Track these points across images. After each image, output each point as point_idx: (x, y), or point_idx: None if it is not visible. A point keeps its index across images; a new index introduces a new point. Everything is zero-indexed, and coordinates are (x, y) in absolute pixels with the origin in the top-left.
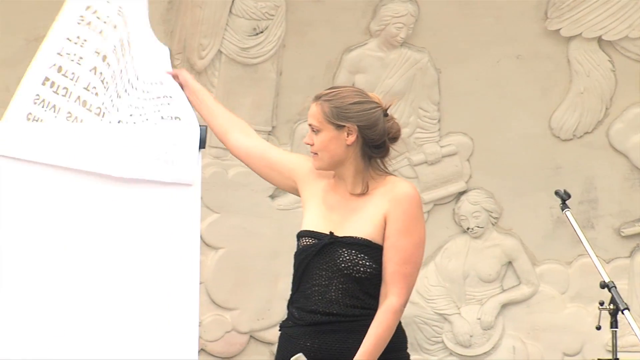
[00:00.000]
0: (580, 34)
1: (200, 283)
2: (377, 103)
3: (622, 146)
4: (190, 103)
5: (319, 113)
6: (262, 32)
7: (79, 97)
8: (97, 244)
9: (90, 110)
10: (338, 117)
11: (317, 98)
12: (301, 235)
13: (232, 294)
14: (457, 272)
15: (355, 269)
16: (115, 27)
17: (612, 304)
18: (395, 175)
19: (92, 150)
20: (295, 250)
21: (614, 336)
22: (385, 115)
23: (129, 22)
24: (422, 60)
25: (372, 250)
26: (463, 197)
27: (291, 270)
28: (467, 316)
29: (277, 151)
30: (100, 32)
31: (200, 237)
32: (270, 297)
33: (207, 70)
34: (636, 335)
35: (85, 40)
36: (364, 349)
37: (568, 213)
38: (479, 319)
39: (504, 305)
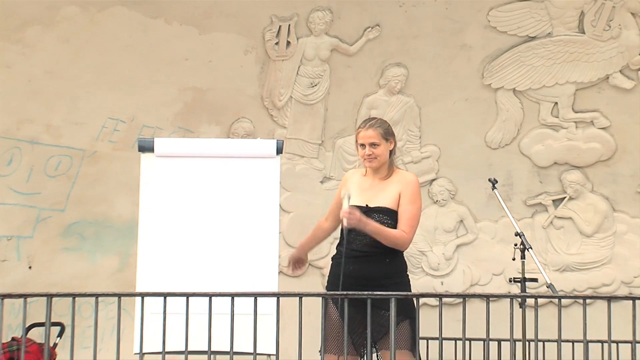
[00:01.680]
0: (503, 86)
1: (280, 232)
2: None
3: (527, 152)
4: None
5: (377, 134)
6: (316, 85)
7: None
8: (218, 201)
9: None
10: (387, 135)
11: (371, 126)
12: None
13: (298, 239)
14: (430, 226)
15: (382, 223)
16: None
17: (522, 245)
18: (400, 168)
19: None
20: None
21: (523, 264)
22: None
23: None
24: (410, 102)
25: (392, 213)
26: (434, 182)
27: None
28: (436, 252)
29: (334, 209)
30: None
31: (280, 205)
32: None
33: (283, 107)
34: (535, 263)
35: None
36: (375, 225)
37: (496, 191)
38: (443, 254)
39: (458, 246)
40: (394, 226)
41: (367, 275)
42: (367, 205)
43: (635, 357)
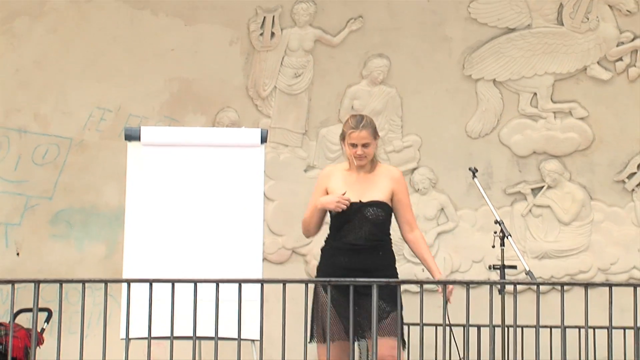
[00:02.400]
0: (483, 77)
1: (264, 220)
2: None
3: (507, 142)
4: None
5: (368, 134)
6: (299, 75)
7: None
8: (203, 190)
9: None
10: (375, 133)
11: (364, 127)
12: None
13: (282, 227)
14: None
15: (376, 218)
16: None
17: (501, 233)
18: (379, 161)
19: (197, 136)
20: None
21: (502, 251)
22: None
23: None
24: (392, 92)
25: (385, 206)
26: (415, 171)
27: None
28: None
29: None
30: None
31: (264, 193)
32: None
33: (268, 97)
34: (515, 250)
35: None
36: (433, 264)
37: (476, 180)
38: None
39: (439, 233)
40: (387, 218)
41: (363, 267)
42: (360, 200)
43: (612, 342)
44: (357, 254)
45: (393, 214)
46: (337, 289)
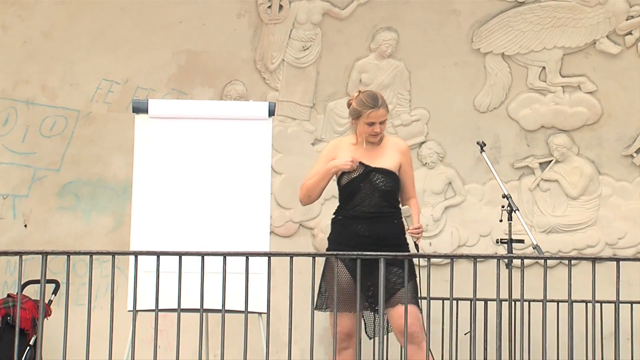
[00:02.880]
0: (491, 51)
1: (271, 193)
2: None
3: (515, 116)
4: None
5: (385, 113)
6: (307, 48)
7: None
8: (211, 163)
9: None
10: (388, 112)
11: (380, 106)
12: (344, 173)
13: (289, 200)
14: (419, 188)
15: (385, 186)
16: None
17: (509, 207)
18: (386, 135)
19: (204, 109)
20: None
21: (509, 225)
22: None
23: None
24: (400, 66)
25: (391, 174)
26: (423, 145)
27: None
28: (425, 213)
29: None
30: None
31: (271, 167)
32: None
33: (276, 70)
34: (522, 225)
35: None
36: (417, 218)
37: (484, 154)
38: (432, 215)
39: (446, 207)
40: (395, 188)
41: (380, 235)
42: (371, 165)
43: (619, 317)
44: (374, 222)
45: None
46: (353, 261)
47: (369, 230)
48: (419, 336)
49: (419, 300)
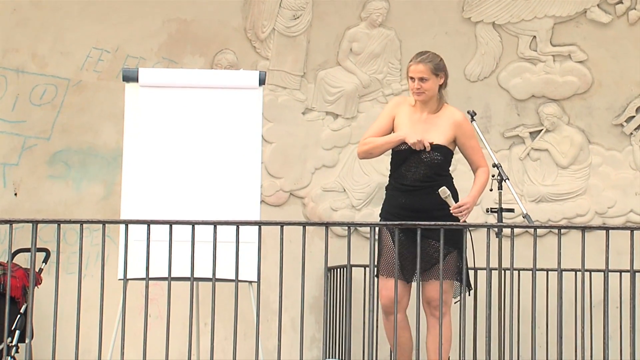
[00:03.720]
0: (482, 20)
1: (262, 162)
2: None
3: (505, 85)
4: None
5: (427, 69)
6: (298, 17)
7: None
8: (201, 131)
9: None
10: (437, 70)
11: (422, 61)
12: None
13: (280, 169)
14: None
15: (431, 161)
16: None
17: (499, 176)
18: (447, 104)
19: (195, 77)
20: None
21: (500, 194)
22: None
23: None
24: (390, 35)
25: (443, 149)
26: None
27: (314, 156)
28: None
29: (386, 126)
30: None
31: (262, 136)
32: (301, 171)
33: (266, 39)
34: (512, 194)
35: None
36: (473, 192)
37: (474, 124)
38: None
39: None
40: (444, 161)
41: (420, 207)
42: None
43: (608, 285)
44: (413, 195)
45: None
46: (402, 231)
47: (408, 203)
48: (439, 309)
49: (456, 274)
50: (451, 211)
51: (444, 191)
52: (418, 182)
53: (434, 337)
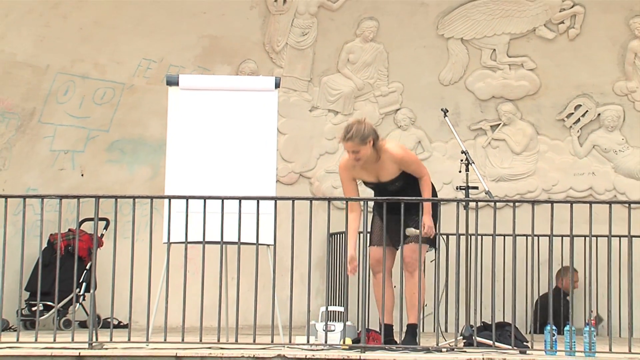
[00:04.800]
0: (453, 36)
1: (277, 149)
2: (369, 126)
3: (471, 88)
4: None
5: (354, 144)
6: (306, 34)
7: None
8: (228, 125)
9: None
10: (363, 140)
11: (348, 139)
12: (365, 183)
13: (291, 154)
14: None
15: (394, 187)
16: None
17: (466, 160)
18: (385, 145)
19: (224, 82)
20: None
21: (467, 175)
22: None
23: None
24: (380, 48)
25: (398, 178)
26: (398, 112)
27: (319, 145)
28: None
29: (353, 187)
30: None
31: (277, 128)
32: (309, 157)
33: (280, 51)
34: (477, 175)
35: None
36: (426, 211)
37: (447, 119)
38: None
39: None
40: (404, 182)
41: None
42: (379, 180)
43: (552, 247)
44: (390, 212)
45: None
46: (388, 211)
47: (388, 218)
48: (412, 266)
49: (428, 240)
50: (423, 235)
51: (411, 231)
52: (394, 196)
53: (408, 287)
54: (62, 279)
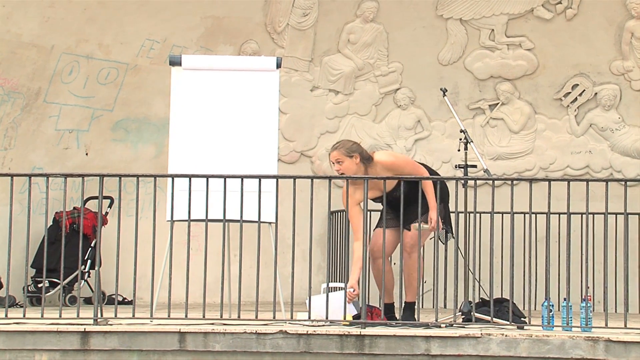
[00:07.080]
0: (452, 16)
1: (278, 129)
2: (357, 144)
3: (470, 68)
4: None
5: (339, 153)
6: (307, 14)
7: None
8: (231, 105)
9: None
10: (349, 153)
11: (334, 149)
12: (374, 200)
13: (293, 134)
14: (395, 124)
15: (398, 195)
16: None
17: (465, 139)
18: (374, 157)
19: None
20: None
21: (465, 154)
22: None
23: None
24: (380, 28)
25: (397, 187)
26: (398, 91)
27: (320, 124)
28: (399, 144)
29: (359, 215)
30: None
31: (279, 108)
32: (310, 136)
33: (282, 32)
34: (475, 153)
35: None
36: (429, 197)
37: (446, 98)
38: (405, 146)
39: (416, 140)
40: (406, 188)
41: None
42: (384, 191)
43: (550, 225)
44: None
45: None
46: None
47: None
48: (412, 247)
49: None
50: (430, 230)
51: (416, 227)
52: (405, 201)
53: (405, 269)
54: (67, 256)
